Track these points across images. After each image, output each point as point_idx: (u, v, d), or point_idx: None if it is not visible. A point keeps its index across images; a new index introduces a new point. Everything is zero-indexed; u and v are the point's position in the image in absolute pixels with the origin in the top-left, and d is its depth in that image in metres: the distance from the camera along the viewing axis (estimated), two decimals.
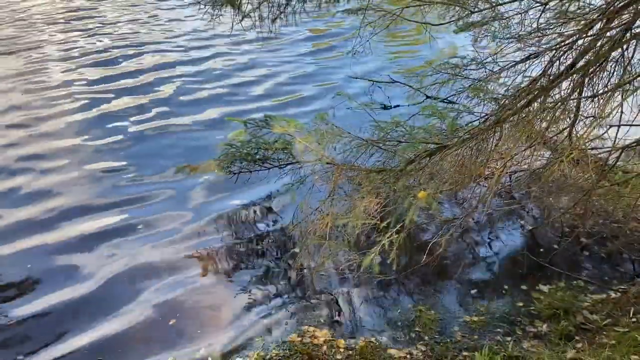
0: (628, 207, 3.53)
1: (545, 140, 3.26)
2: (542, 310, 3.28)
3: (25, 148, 5.65)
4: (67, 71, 8.02)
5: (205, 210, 4.56)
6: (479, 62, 3.64)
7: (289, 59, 8.67)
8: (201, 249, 4.08)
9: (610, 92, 2.82)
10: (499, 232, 4.19)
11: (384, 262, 3.19)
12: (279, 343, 3.18)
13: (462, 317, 3.34)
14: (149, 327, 3.35)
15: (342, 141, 3.66)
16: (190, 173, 4.50)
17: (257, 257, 3.99)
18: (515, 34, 3.51)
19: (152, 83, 7.58)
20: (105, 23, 10.80)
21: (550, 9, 3.37)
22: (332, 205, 3.45)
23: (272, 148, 4.31)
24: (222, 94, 7.17)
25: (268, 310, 3.47)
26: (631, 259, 3.72)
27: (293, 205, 4.23)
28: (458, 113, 3.15)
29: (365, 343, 3.13)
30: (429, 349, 3.06)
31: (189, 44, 9.45)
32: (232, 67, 8.26)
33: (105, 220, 4.41)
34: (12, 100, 6.87)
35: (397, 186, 3.30)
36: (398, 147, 3.36)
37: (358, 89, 6.84)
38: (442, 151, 3.01)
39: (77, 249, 4.07)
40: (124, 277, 3.78)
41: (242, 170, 4.52)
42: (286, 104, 6.79)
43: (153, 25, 10.76)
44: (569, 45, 3.06)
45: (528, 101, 2.87)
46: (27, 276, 3.78)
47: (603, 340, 2.87)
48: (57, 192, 4.83)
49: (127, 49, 9.05)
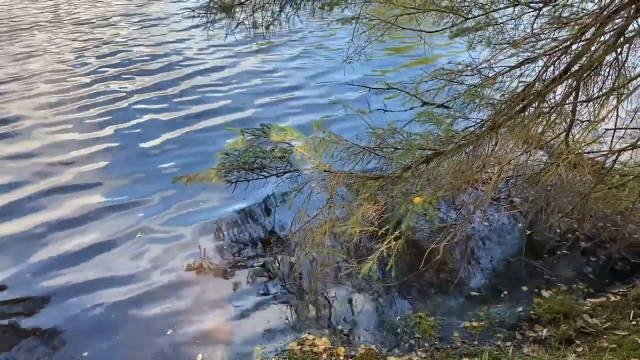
0: (626, 210, 3.54)
1: (541, 144, 3.27)
2: (542, 315, 3.27)
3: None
4: (60, 81, 8.04)
5: (202, 219, 4.55)
6: (474, 67, 3.66)
7: (283, 67, 8.70)
8: (199, 257, 4.07)
9: (605, 96, 2.84)
10: (498, 237, 4.18)
11: (383, 268, 3.20)
12: (278, 352, 3.17)
13: (462, 323, 3.32)
14: (146, 336, 3.33)
15: (339, 149, 3.67)
16: (188, 182, 4.50)
17: (255, 265, 3.97)
18: (510, 40, 3.53)
19: (147, 89, 7.60)
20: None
21: (544, 14, 3.40)
22: (330, 212, 3.46)
23: (270, 156, 4.32)
24: (218, 102, 7.19)
25: (267, 318, 3.45)
26: (630, 261, 3.71)
27: (291, 213, 4.23)
28: (454, 119, 3.16)
29: (365, 351, 3.12)
30: (429, 356, 3.05)
31: (184, 51, 9.50)
32: (226, 75, 8.28)
33: (101, 229, 4.40)
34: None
35: (394, 193, 3.31)
36: (395, 153, 3.37)
37: (354, 95, 6.86)
38: (438, 157, 3.03)
39: (72, 258, 4.06)
40: (120, 286, 3.76)
41: (240, 179, 4.53)
42: (282, 112, 6.80)
43: (149, 32, 10.83)
44: (563, 50, 3.08)
45: (523, 106, 2.89)
46: (23, 287, 3.76)
47: (603, 344, 2.86)
48: (49, 201, 4.82)
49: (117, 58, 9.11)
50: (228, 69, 8.52)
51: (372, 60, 8.28)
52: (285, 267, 3.94)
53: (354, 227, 3.09)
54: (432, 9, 3.42)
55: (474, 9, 3.54)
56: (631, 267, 3.70)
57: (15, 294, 3.72)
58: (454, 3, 3.58)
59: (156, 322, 3.45)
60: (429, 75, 3.81)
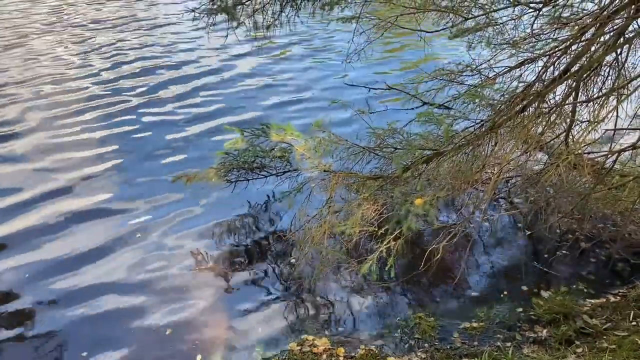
0: (626, 210, 3.53)
1: (541, 145, 3.27)
2: (541, 316, 3.27)
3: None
4: (61, 82, 8.05)
5: (202, 218, 4.54)
6: (474, 67, 3.65)
7: (283, 67, 8.70)
8: (197, 257, 4.07)
9: (605, 97, 2.83)
10: (497, 237, 4.18)
11: (383, 269, 3.19)
12: (278, 352, 3.16)
13: (462, 324, 3.32)
14: (144, 337, 3.32)
15: (339, 148, 3.67)
16: (188, 182, 4.49)
17: (255, 265, 3.97)
18: (510, 40, 3.53)
19: (148, 91, 7.60)
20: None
21: (544, 15, 3.40)
22: (330, 212, 3.46)
23: (270, 156, 4.32)
24: (218, 102, 7.18)
25: (266, 319, 3.45)
26: (630, 262, 3.71)
27: (291, 212, 4.23)
28: (454, 119, 3.15)
29: (365, 351, 3.11)
30: (429, 356, 3.05)
31: (184, 52, 9.51)
32: (226, 75, 8.29)
33: (100, 229, 4.40)
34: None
35: (394, 193, 3.31)
36: (394, 153, 3.37)
37: (354, 95, 6.86)
38: (438, 157, 3.02)
39: (72, 258, 4.06)
40: (118, 286, 3.76)
41: (240, 178, 4.53)
42: (282, 113, 6.80)
43: (150, 34, 10.83)
44: (563, 50, 3.08)
45: (523, 106, 2.89)
46: (24, 290, 3.76)
47: (603, 345, 2.86)
48: (49, 203, 4.82)
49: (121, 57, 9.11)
50: (229, 71, 8.50)
51: (372, 60, 8.29)
52: (284, 267, 3.93)
53: (353, 227, 3.09)
54: (432, 9, 3.42)
55: (474, 9, 3.53)
56: (631, 268, 3.70)
57: (15, 295, 3.71)
58: (454, 3, 3.58)
59: (155, 322, 3.44)
60: (428, 76, 3.81)
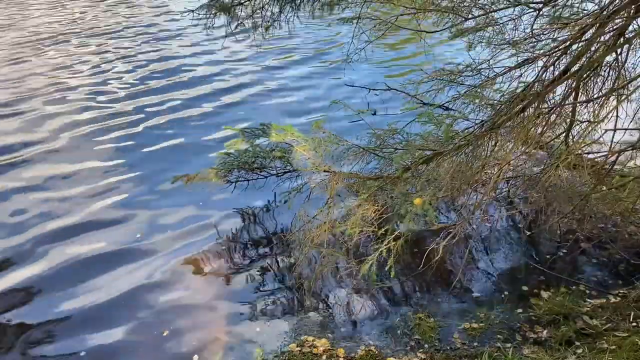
0: (626, 210, 3.53)
1: (541, 145, 3.27)
2: (541, 316, 3.27)
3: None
4: (62, 83, 8.05)
5: (202, 219, 4.54)
6: (473, 68, 3.65)
7: (283, 67, 8.72)
8: (197, 257, 4.06)
9: (604, 97, 2.83)
10: (497, 238, 4.17)
11: (383, 269, 3.19)
12: (277, 353, 3.16)
13: (462, 324, 3.31)
14: (141, 337, 3.32)
15: (339, 149, 3.67)
16: (188, 182, 4.49)
17: (254, 266, 3.97)
18: (510, 40, 3.52)
19: (148, 92, 7.61)
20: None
21: (544, 15, 3.39)
22: (330, 213, 3.45)
23: (270, 156, 4.32)
24: (218, 103, 7.19)
25: (266, 319, 3.45)
26: (630, 262, 3.70)
27: (291, 213, 4.23)
28: (454, 119, 3.15)
29: (365, 352, 3.11)
30: (428, 357, 3.04)
31: (185, 54, 9.51)
32: (226, 76, 8.30)
33: (100, 229, 4.40)
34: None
35: (394, 193, 3.30)
36: (394, 154, 3.37)
37: (354, 96, 6.86)
38: (438, 157, 3.02)
39: (71, 258, 4.06)
40: (118, 286, 3.76)
41: (240, 178, 4.53)
42: (282, 113, 6.81)
43: (152, 36, 10.83)
44: (563, 51, 3.08)
45: (523, 107, 2.88)
46: (22, 292, 3.76)
47: (603, 346, 2.85)
48: (51, 204, 4.82)
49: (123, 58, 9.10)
50: (229, 73, 8.51)
51: (372, 60, 8.31)
52: (284, 268, 3.93)
53: (353, 227, 3.08)
54: (432, 9, 3.42)
55: (474, 9, 3.53)
56: (631, 268, 3.69)
57: (15, 295, 3.71)
58: (454, 3, 3.57)
59: (153, 322, 3.44)
60: (428, 76, 3.81)
